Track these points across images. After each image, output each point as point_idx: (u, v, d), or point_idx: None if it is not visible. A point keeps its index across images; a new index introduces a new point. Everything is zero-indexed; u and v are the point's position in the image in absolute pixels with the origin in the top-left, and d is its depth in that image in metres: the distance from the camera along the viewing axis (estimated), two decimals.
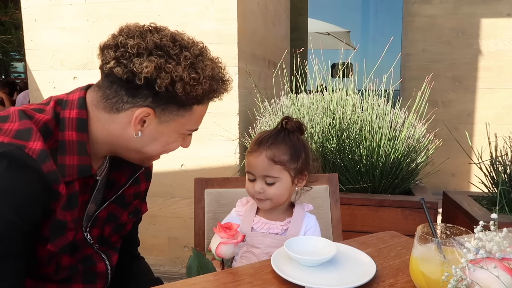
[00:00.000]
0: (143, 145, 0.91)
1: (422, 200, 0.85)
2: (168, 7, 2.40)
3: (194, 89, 0.85)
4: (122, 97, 0.85)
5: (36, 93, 2.66)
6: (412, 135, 2.34)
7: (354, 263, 0.86)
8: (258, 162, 1.10)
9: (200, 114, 0.94)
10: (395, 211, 2.11)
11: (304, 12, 5.01)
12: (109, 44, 0.84)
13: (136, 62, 0.80)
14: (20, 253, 0.80)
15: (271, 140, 1.11)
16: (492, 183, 2.26)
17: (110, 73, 0.84)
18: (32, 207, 0.79)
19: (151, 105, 0.85)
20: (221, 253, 0.88)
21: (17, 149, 0.76)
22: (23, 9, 2.62)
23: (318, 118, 2.38)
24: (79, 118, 0.86)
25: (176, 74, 0.82)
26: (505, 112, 4.22)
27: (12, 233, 0.77)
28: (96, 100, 0.89)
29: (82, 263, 0.96)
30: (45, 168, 0.78)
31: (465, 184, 4.06)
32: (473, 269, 0.59)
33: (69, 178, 0.83)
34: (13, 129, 0.79)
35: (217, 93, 0.92)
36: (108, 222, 1.03)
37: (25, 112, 0.83)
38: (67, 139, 0.84)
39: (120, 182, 1.01)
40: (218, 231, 0.88)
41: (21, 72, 10.86)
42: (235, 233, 0.89)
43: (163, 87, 0.82)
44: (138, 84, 0.82)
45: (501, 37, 4.17)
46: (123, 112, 0.87)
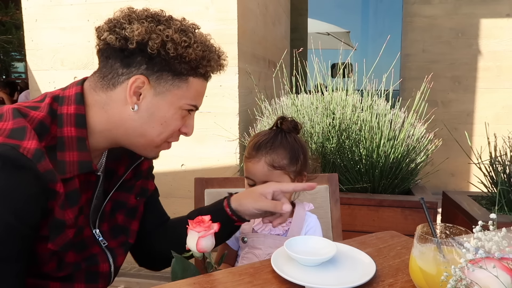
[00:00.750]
0: (141, 124, 0.88)
1: (421, 200, 0.85)
2: (168, 7, 2.39)
3: (186, 51, 0.85)
4: (117, 70, 0.86)
5: (37, 93, 2.66)
6: (411, 135, 2.34)
7: (354, 263, 0.86)
8: (258, 169, 1.09)
9: (198, 90, 0.92)
10: (395, 211, 2.11)
11: (304, 12, 5.01)
12: (103, 23, 0.88)
13: (128, 27, 0.82)
14: (20, 255, 0.79)
15: (269, 145, 1.10)
16: (491, 183, 2.26)
17: (105, 47, 0.86)
18: (30, 208, 0.78)
19: (145, 72, 0.85)
20: (202, 247, 0.86)
21: (12, 149, 0.74)
22: (24, 9, 2.62)
23: (318, 118, 2.38)
24: (77, 114, 0.85)
25: (167, 35, 0.83)
26: (504, 112, 4.22)
27: (10, 236, 0.76)
28: (94, 83, 0.89)
29: (85, 261, 0.95)
30: (41, 167, 0.76)
31: (465, 184, 4.07)
32: (472, 269, 0.59)
33: (69, 174, 0.83)
34: (7, 128, 0.78)
35: (211, 62, 0.90)
36: (118, 210, 1.01)
37: (19, 110, 0.81)
38: (66, 135, 0.84)
39: (119, 172, 1.00)
40: (193, 227, 0.87)
41: (21, 72, 10.86)
42: (209, 224, 0.88)
43: (155, 49, 0.82)
44: (131, 50, 0.83)
45: (500, 37, 4.17)
46: (119, 86, 0.86)
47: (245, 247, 1.14)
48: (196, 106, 0.94)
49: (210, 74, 0.94)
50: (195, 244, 0.86)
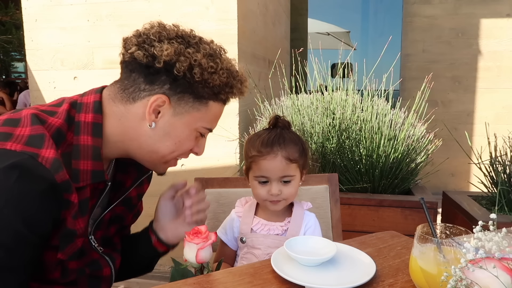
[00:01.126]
0: (155, 141, 0.89)
1: (421, 200, 0.85)
2: (168, 7, 2.40)
3: (212, 77, 0.85)
4: (139, 85, 0.86)
5: (37, 93, 2.66)
6: (412, 135, 2.34)
7: (354, 263, 0.86)
8: (275, 164, 1.08)
9: (215, 114, 0.93)
10: (395, 211, 2.11)
11: (304, 12, 5.01)
12: (132, 35, 0.87)
13: (157, 46, 0.82)
14: (26, 264, 0.78)
15: (281, 140, 1.10)
16: (491, 183, 2.26)
17: (130, 60, 0.86)
18: (42, 218, 0.77)
19: (168, 92, 0.86)
20: (202, 258, 0.88)
21: (30, 159, 0.74)
22: (24, 9, 2.62)
23: (318, 118, 2.38)
24: (94, 123, 0.85)
25: (195, 59, 0.83)
26: (504, 112, 4.22)
27: (20, 245, 0.75)
28: (114, 93, 0.89)
29: (89, 266, 0.95)
30: (58, 178, 0.76)
31: (465, 184, 4.06)
32: (472, 269, 0.59)
33: (82, 183, 0.82)
34: (25, 135, 0.77)
35: (233, 89, 0.91)
36: (114, 224, 1.02)
37: (38, 116, 0.81)
38: (82, 144, 0.83)
39: (126, 184, 1.00)
40: (190, 239, 0.88)
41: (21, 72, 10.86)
42: (207, 234, 0.89)
43: (182, 71, 0.83)
44: (157, 69, 0.83)
45: (500, 37, 4.17)
46: (139, 101, 0.86)
47: (244, 247, 1.14)
48: (211, 129, 0.95)
49: (230, 99, 0.95)
50: (195, 255, 0.86)
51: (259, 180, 1.10)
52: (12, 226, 0.73)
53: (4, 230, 0.73)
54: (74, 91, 2.84)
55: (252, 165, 1.11)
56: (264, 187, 1.10)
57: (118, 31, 2.48)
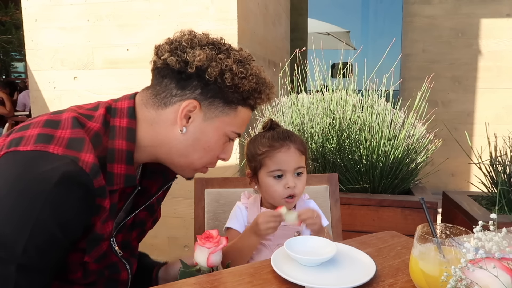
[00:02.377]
0: (185, 146, 0.90)
1: (421, 200, 0.85)
2: (168, 7, 2.40)
3: (242, 82, 0.88)
4: (171, 90, 0.88)
5: (37, 93, 2.66)
6: (412, 135, 2.34)
7: (354, 263, 0.86)
8: (290, 155, 1.11)
9: (244, 118, 0.94)
10: (394, 211, 2.11)
11: (304, 12, 5.01)
12: (164, 43, 0.89)
13: (190, 52, 0.85)
14: (52, 267, 0.79)
15: (289, 134, 1.13)
16: (491, 183, 2.26)
17: (163, 67, 0.87)
18: (76, 223, 0.78)
19: (199, 97, 0.87)
20: (213, 262, 0.89)
21: (71, 163, 0.75)
22: (24, 9, 2.62)
23: (318, 118, 2.38)
24: (129, 128, 0.87)
25: (226, 64, 0.86)
26: (504, 112, 4.22)
27: (52, 248, 0.76)
28: (146, 99, 0.90)
29: (108, 269, 0.95)
30: (96, 183, 0.77)
31: (465, 184, 4.06)
32: (472, 269, 0.59)
33: (116, 186, 0.84)
34: (66, 137, 0.79)
35: (261, 95, 0.93)
36: (136, 228, 1.03)
37: (78, 120, 0.83)
38: (116, 148, 0.85)
39: (152, 190, 1.00)
40: (202, 243, 0.88)
41: (21, 72, 10.86)
42: (218, 239, 0.90)
43: (213, 76, 0.85)
44: (189, 74, 0.85)
45: (500, 37, 4.17)
46: (171, 107, 0.88)
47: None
48: (239, 134, 0.97)
49: (257, 105, 0.96)
50: (206, 259, 0.87)
51: (275, 174, 1.11)
52: (48, 229, 0.74)
53: (40, 232, 0.74)
54: (74, 91, 2.86)
55: (265, 161, 1.12)
56: (279, 182, 1.11)
57: (118, 31, 2.48)
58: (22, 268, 0.72)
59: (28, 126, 0.83)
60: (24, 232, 0.72)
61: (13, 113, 6.38)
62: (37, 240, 0.73)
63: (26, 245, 0.72)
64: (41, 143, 0.77)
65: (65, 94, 2.58)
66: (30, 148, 0.76)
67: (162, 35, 0.92)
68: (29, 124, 0.83)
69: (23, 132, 0.81)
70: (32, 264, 0.74)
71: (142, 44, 2.44)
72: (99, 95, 2.53)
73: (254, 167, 1.15)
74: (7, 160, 0.76)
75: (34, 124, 0.83)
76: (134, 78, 2.45)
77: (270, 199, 1.16)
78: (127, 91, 0.95)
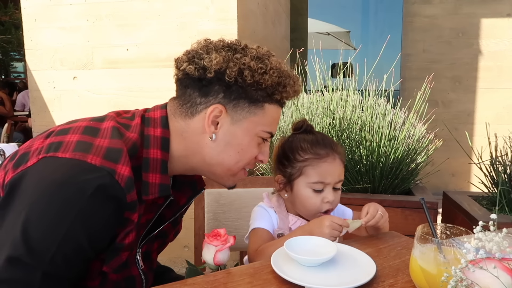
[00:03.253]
0: (218, 152, 0.89)
1: (422, 200, 0.85)
2: (168, 7, 2.40)
3: (263, 78, 0.85)
4: (195, 99, 0.87)
5: (36, 93, 2.65)
6: (412, 135, 2.34)
7: (354, 263, 0.86)
8: (335, 167, 1.03)
9: (273, 116, 0.92)
10: (395, 211, 2.11)
11: (304, 12, 5.00)
12: (182, 55, 0.89)
13: (206, 57, 0.84)
14: (73, 277, 0.78)
15: (333, 141, 1.05)
16: (492, 183, 2.26)
17: (183, 77, 0.88)
18: (103, 235, 0.79)
19: (223, 101, 0.86)
20: (220, 260, 0.88)
21: (108, 175, 0.75)
22: (23, 9, 2.62)
23: (318, 118, 2.38)
24: (163, 137, 0.87)
25: (244, 63, 0.84)
26: (505, 112, 4.22)
27: (78, 258, 0.76)
28: (173, 109, 0.90)
29: (125, 281, 0.93)
30: (129, 197, 0.77)
31: (465, 184, 4.06)
32: (472, 270, 0.59)
33: (151, 196, 0.83)
34: (104, 146, 0.79)
35: (287, 88, 0.90)
36: (158, 239, 1.02)
37: (118, 130, 0.83)
38: (151, 157, 0.84)
39: (180, 202, 1.00)
40: (210, 241, 0.88)
41: (21, 72, 10.86)
42: (226, 237, 0.89)
43: (233, 77, 0.84)
44: (209, 79, 0.85)
45: (501, 37, 4.17)
46: (197, 115, 0.88)
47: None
48: (272, 133, 0.94)
49: (285, 100, 0.93)
50: (213, 257, 0.86)
51: (316, 187, 1.03)
52: (77, 239, 0.74)
53: (69, 241, 0.73)
54: (73, 91, 2.86)
55: (306, 170, 1.04)
56: (318, 195, 1.03)
57: (118, 31, 2.48)
58: (47, 276, 0.72)
59: (68, 130, 0.83)
60: (54, 240, 0.72)
61: (12, 113, 6.38)
62: (65, 249, 0.73)
63: (55, 253, 0.72)
64: (80, 152, 0.76)
65: (65, 94, 2.58)
66: (69, 156, 0.76)
67: (162, 35, 0.92)
68: (69, 129, 0.83)
69: (63, 137, 0.81)
70: (57, 272, 0.74)
71: (142, 44, 2.44)
72: (99, 95, 2.53)
73: (290, 174, 1.06)
74: (45, 165, 0.76)
75: (73, 129, 0.83)
76: (134, 78, 2.45)
77: (304, 210, 1.08)
78: (126, 91, 0.95)
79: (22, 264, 0.70)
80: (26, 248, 0.70)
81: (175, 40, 2.37)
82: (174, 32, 2.37)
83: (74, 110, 2.58)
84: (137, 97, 2.46)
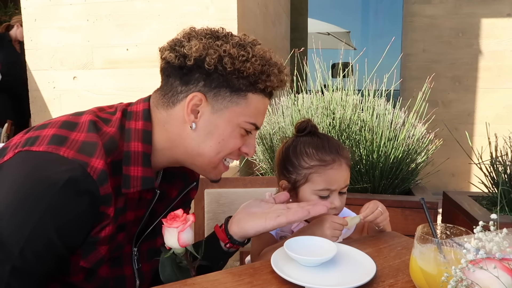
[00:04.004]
0: (199, 142, 0.87)
1: (422, 200, 0.84)
2: (168, 7, 2.40)
3: (244, 66, 0.83)
4: (176, 87, 0.86)
5: (36, 93, 2.65)
6: (412, 135, 2.34)
7: (354, 263, 0.86)
8: (341, 173, 1.00)
9: (257, 107, 0.88)
10: (395, 211, 2.11)
11: (304, 12, 5.01)
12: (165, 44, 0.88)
13: (187, 45, 0.83)
14: (46, 273, 0.78)
15: (338, 145, 1.02)
16: (492, 183, 2.26)
17: (165, 66, 0.87)
18: (76, 231, 0.78)
19: (203, 89, 0.84)
20: (184, 241, 0.83)
21: (79, 168, 0.74)
22: (23, 9, 2.62)
23: (318, 118, 2.38)
24: (144, 130, 0.86)
25: (224, 50, 0.82)
26: (505, 112, 4.22)
27: (48, 253, 0.75)
28: (156, 100, 0.90)
29: (114, 280, 0.92)
30: (102, 190, 0.76)
31: (465, 184, 4.06)
32: (473, 270, 0.59)
33: (133, 189, 0.82)
34: (79, 140, 0.78)
35: (271, 77, 0.86)
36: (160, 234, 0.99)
37: (96, 124, 0.83)
38: (132, 150, 0.83)
39: (171, 195, 0.98)
40: (169, 225, 0.84)
41: None
42: (185, 217, 0.85)
43: (212, 64, 0.81)
44: (189, 67, 0.83)
45: (501, 37, 4.17)
46: (178, 104, 0.86)
47: None
48: (256, 125, 0.90)
49: (271, 90, 0.90)
50: (177, 240, 0.83)
51: (322, 194, 1.01)
52: (46, 233, 0.73)
53: (38, 234, 0.73)
54: (73, 91, 2.86)
55: (312, 177, 1.01)
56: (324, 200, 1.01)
57: (118, 31, 2.47)
58: (16, 270, 0.72)
59: (46, 125, 0.82)
60: (23, 233, 0.72)
61: None
62: (34, 243, 0.73)
63: (24, 247, 0.72)
64: (53, 145, 0.76)
65: (65, 94, 2.58)
66: (42, 149, 0.75)
67: (162, 35, 0.92)
68: (48, 124, 0.83)
69: (40, 131, 0.80)
70: (26, 267, 0.73)
71: (142, 44, 2.44)
72: (99, 95, 2.53)
73: (295, 180, 1.03)
74: (19, 159, 0.76)
75: (52, 124, 0.83)
76: (133, 78, 2.45)
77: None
78: (126, 91, 0.95)
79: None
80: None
81: None
82: (174, 32, 2.35)
83: (74, 110, 2.56)
84: (137, 97, 2.45)
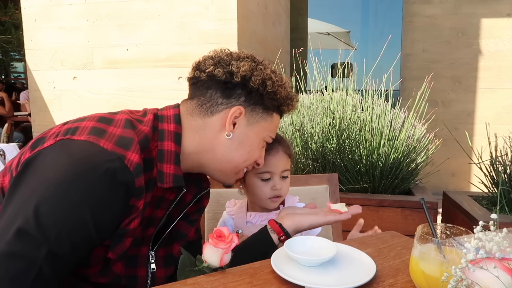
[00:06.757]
0: (231, 150, 0.96)
1: (422, 200, 0.84)
2: (168, 7, 2.40)
3: (279, 90, 0.96)
4: (217, 99, 0.94)
5: (36, 93, 2.65)
6: (412, 135, 2.34)
7: (354, 263, 0.86)
8: (278, 159, 1.15)
9: (276, 125, 1.03)
10: (395, 211, 2.11)
11: (304, 12, 5.01)
12: (204, 59, 0.96)
13: (234, 63, 0.93)
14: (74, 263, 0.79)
15: (278, 136, 1.16)
16: (492, 183, 2.26)
17: (207, 79, 0.94)
18: (108, 221, 0.81)
19: (243, 104, 0.95)
20: (226, 261, 0.88)
21: (118, 160, 0.78)
22: (23, 9, 2.62)
23: (318, 118, 2.38)
24: (176, 132, 0.93)
25: (266, 73, 0.95)
26: (505, 112, 4.22)
27: (82, 241, 0.77)
28: (191, 109, 0.96)
29: (127, 279, 0.94)
30: (137, 182, 0.80)
31: (465, 184, 4.06)
32: (473, 269, 0.59)
33: (166, 185, 0.88)
34: (116, 134, 0.83)
35: (292, 102, 1.02)
36: (177, 240, 1.04)
37: (131, 122, 0.88)
38: (166, 149, 0.90)
39: (186, 199, 1.02)
40: (215, 244, 0.87)
41: (21, 72, 10.87)
42: (231, 237, 0.89)
43: (256, 84, 0.93)
44: (234, 83, 0.93)
45: (501, 37, 4.17)
46: (217, 114, 0.94)
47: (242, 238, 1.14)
48: (273, 139, 1.04)
49: (286, 113, 1.04)
50: (219, 260, 0.86)
51: (263, 177, 1.15)
52: (84, 221, 0.76)
53: (76, 219, 0.75)
54: (73, 91, 2.86)
55: None
56: (267, 184, 1.15)
57: (118, 31, 2.48)
58: (51, 254, 0.73)
59: (84, 119, 0.89)
60: (62, 217, 0.74)
61: (12, 113, 6.37)
62: (72, 229, 0.75)
63: (61, 230, 0.74)
64: (94, 135, 0.81)
65: (65, 94, 2.58)
66: (84, 138, 0.81)
67: (162, 35, 0.92)
68: (85, 118, 0.89)
69: (79, 123, 0.86)
70: (61, 252, 0.74)
71: (142, 44, 2.44)
72: (99, 95, 2.53)
73: None
74: (61, 147, 0.81)
75: (89, 118, 0.89)
76: (133, 78, 2.45)
77: (256, 199, 1.19)
78: (126, 91, 0.96)
79: (30, 238, 0.71)
80: (36, 222, 0.72)
81: (175, 40, 2.37)
82: (174, 32, 2.37)
83: (74, 110, 2.58)
84: (137, 97, 2.47)
